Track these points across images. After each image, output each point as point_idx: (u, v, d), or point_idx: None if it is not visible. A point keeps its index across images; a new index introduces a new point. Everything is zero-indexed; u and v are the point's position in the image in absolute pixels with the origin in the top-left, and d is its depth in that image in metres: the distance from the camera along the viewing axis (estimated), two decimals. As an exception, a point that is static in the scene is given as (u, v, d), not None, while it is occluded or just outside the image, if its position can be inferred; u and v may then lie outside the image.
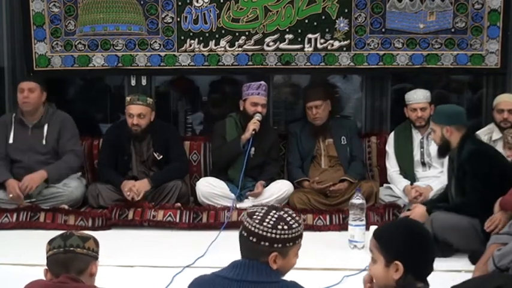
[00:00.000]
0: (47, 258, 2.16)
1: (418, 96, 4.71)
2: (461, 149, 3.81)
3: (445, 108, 4.05)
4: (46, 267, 2.17)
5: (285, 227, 1.96)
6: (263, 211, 1.99)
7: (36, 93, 4.68)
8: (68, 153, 4.73)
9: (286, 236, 1.95)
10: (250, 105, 4.77)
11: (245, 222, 1.98)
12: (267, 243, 1.94)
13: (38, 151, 4.70)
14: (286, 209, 2.03)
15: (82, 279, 2.11)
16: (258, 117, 4.72)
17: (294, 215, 2.02)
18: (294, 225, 1.97)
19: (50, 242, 2.17)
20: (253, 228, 1.95)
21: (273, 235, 1.94)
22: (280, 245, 1.95)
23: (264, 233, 1.94)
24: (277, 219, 1.96)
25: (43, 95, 4.74)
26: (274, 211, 1.99)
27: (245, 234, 1.97)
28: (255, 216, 1.97)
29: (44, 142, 4.70)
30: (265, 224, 1.95)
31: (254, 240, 1.95)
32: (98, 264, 2.21)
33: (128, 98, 4.74)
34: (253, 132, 4.66)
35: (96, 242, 2.22)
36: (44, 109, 4.76)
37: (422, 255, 1.95)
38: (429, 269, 1.97)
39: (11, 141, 4.71)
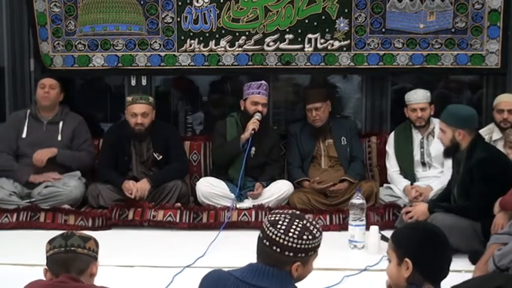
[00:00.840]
0: (47, 257, 2.15)
1: (418, 97, 4.71)
2: (470, 153, 3.77)
3: (459, 110, 3.95)
4: (46, 267, 2.16)
5: (310, 237, 1.94)
6: (286, 220, 1.95)
7: (56, 91, 4.82)
8: (84, 152, 4.83)
9: (310, 245, 1.94)
10: (251, 104, 4.77)
11: (268, 231, 1.94)
12: (291, 254, 1.92)
13: (52, 146, 4.72)
14: (307, 217, 2.00)
15: (82, 279, 2.11)
16: (257, 116, 4.72)
17: (315, 222, 2.00)
18: (316, 234, 1.96)
19: (51, 242, 2.17)
20: (277, 239, 1.92)
21: (298, 245, 1.92)
22: (303, 255, 1.94)
23: (290, 244, 1.91)
24: (302, 229, 1.93)
25: (61, 94, 4.86)
26: (297, 220, 1.95)
27: (267, 243, 1.93)
28: (279, 226, 1.93)
29: (59, 138, 4.76)
30: (290, 234, 1.92)
31: (278, 250, 1.92)
32: (98, 265, 2.20)
33: (129, 98, 4.73)
34: (253, 131, 4.66)
35: (96, 243, 2.22)
36: (59, 107, 4.87)
37: (433, 256, 1.96)
38: (443, 272, 1.98)
39: (24, 135, 4.76)
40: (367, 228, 3.91)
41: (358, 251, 3.89)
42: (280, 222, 1.94)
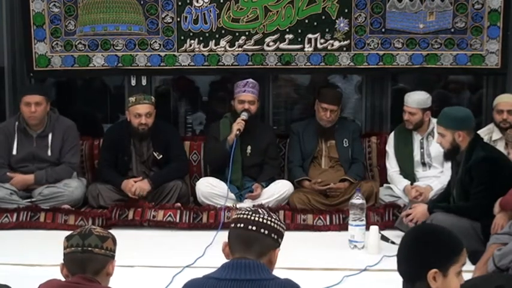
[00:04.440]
0: (64, 254, 2.11)
1: (411, 100, 4.66)
2: (469, 153, 3.77)
3: (455, 112, 3.94)
4: (62, 263, 2.11)
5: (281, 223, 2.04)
6: (261, 210, 2.04)
7: (43, 106, 4.61)
8: (63, 165, 4.71)
9: (284, 231, 2.02)
10: (238, 103, 4.77)
11: (251, 217, 1.97)
12: (275, 236, 1.98)
13: (43, 160, 4.67)
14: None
15: (98, 279, 2.07)
16: (243, 116, 4.69)
17: None
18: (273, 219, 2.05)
19: (68, 238, 2.11)
20: (264, 221, 1.97)
21: (281, 229, 2.00)
22: (281, 240, 2.01)
23: (275, 226, 1.98)
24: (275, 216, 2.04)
25: (48, 104, 4.69)
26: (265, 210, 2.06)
27: (254, 228, 1.96)
28: (260, 212, 2.00)
29: (49, 153, 4.67)
30: (275, 217, 2.01)
31: (266, 232, 1.96)
32: (115, 264, 2.16)
33: (132, 99, 4.71)
34: (238, 132, 4.64)
35: (114, 241, 2.16)
36: (47, 117, 4.71)
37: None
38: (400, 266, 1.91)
39: (14, 152, 4.66)
40: (367, 228, 3.91)
41: (358, 251, 3.89)
42: (259, 210, 2.03)
